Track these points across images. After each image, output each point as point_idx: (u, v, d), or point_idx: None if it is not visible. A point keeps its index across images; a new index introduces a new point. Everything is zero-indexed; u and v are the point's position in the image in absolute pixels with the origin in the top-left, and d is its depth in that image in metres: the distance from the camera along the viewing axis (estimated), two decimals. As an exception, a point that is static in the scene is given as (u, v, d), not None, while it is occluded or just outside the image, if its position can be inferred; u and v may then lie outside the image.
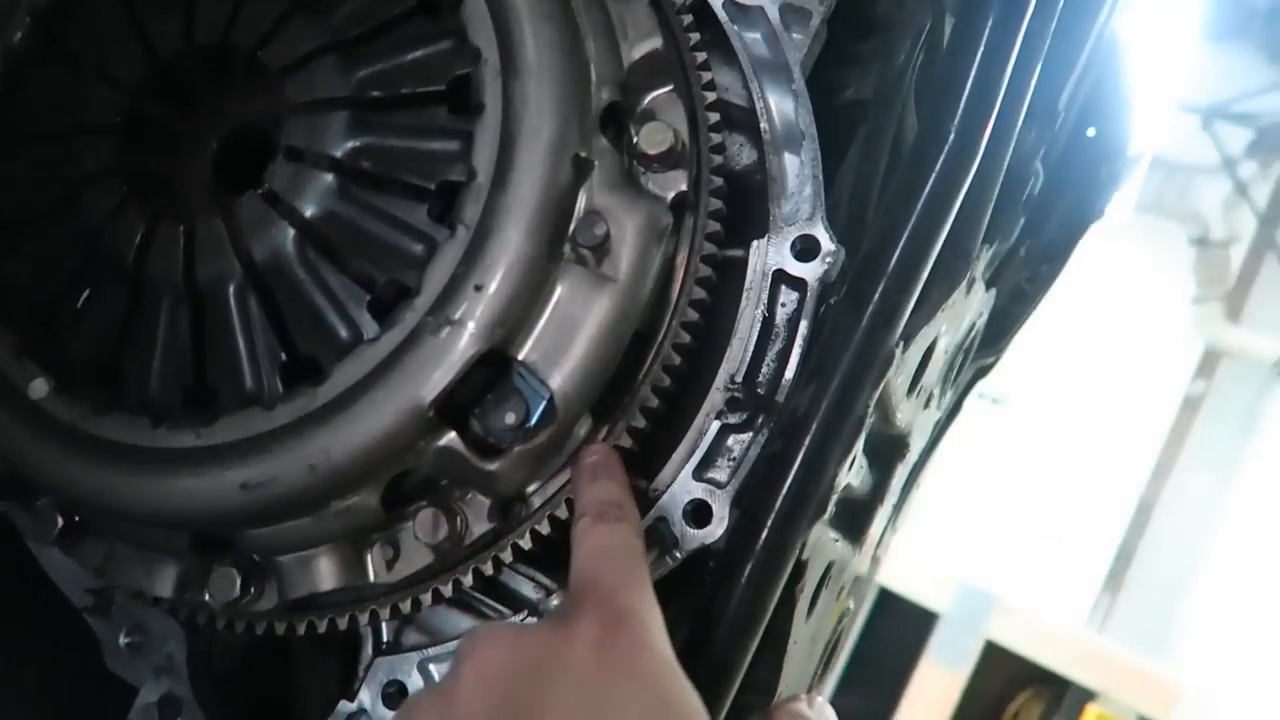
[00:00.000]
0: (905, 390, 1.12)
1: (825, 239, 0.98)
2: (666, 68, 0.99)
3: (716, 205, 0.98)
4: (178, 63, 1.06)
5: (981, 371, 1.69)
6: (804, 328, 0.98)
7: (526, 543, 0.95)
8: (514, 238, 0.86)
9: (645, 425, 0.96)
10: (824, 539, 1.05)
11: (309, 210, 0.96)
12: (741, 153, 1.05)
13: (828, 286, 0.98)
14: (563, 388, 0.89)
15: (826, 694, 1.57)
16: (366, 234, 0.95)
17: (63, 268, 1.04)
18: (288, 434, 0.88)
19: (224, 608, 0.96)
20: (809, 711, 0.90)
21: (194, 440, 0.90)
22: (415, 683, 1.04)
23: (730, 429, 0.98)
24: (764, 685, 1.05)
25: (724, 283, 0.99)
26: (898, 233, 0.93)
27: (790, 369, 0.98)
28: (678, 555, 0.96)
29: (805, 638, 1.12)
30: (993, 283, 1.40)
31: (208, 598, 0.96)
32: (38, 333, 1.01)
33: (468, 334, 0.85)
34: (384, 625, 1.06)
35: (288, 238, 0.96)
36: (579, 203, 0.90)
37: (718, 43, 1.04)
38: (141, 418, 0.93)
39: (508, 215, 0.87)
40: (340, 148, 0.96)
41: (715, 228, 0.98)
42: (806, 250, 0.98)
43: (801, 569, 0.99)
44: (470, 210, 0.88)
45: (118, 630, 1.14)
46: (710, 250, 0.97)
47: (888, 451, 1.22)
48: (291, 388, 0.90)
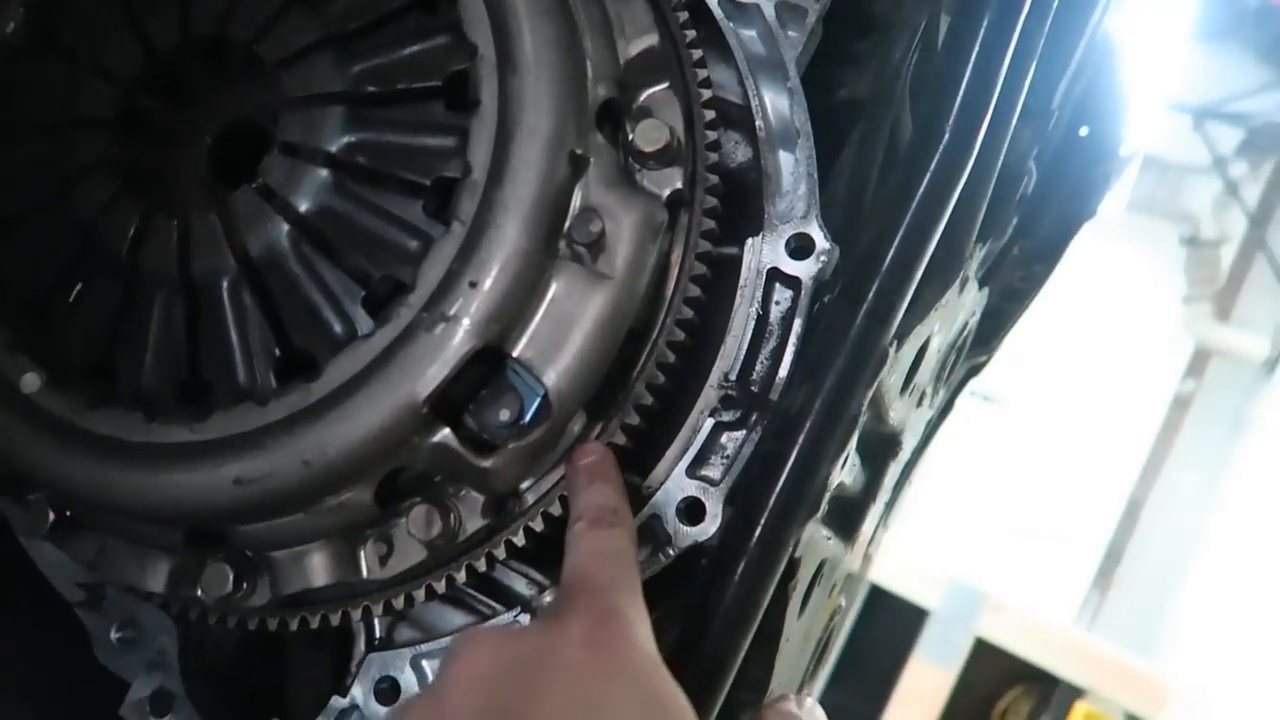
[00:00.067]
0: (898, 389, 1.12)
1: (820, 237, 0.98)
2: (663, 65, 0.99)
3: (712, 203, 0.98)
4: (173, 56, 1.05)
5: (974, 370, 1.69)
6: (798, 326, 0.98)
7: (520, 539, 0.96)
8: (510, 234, 0.86)
9: (639, 422, 0.96)
10: (817, 537, 1.06)
11: (304, 205, 0.96)
12: (737, 150, 1.05)
13: (822, 285, 0.98)
14: (557, 385, 0.89)
15: (817, 691, 1.58)
16: (362, 229, 0.95)
17: (56, 261, 1.03)
18: (282, 429, 0.87)
19: (216, 603, 0.96)
20: (799, 711, 0.91)
21: (187, 435, 0.90)
22: (408, 679, 1.03)
23: (724, 426, 0.98)
24: (756, 682, 1.05)
25: (719, 280, 0.99)
26: (892, 231, 0.93)
27: (784, 367, 0.98)
28: (671, 552, 0.97)
29: (797, 635, 1.12)
30: (986, 281, 1.40)
31: (200, 593, 0.95)
32: (30, 327, 1.01)
33: (462, 330, 0.85)
34: (377, 621, 1.06)
35: (283, 233, 0.95)
36: (575, 199, 0.90)
37: (714, 40, 1.04)
38: (135, 412, 0.92)
39: (503, 211, 0.87)
40: (336, 143, 0.96)
41: (710, 225, 0.98)
42: (801, 248, 0.99)
43: (794, 567, 0.99)
44: (466, 206, 0.88)
45: (109, 625, 1.14)
46: (705, 248, 0.97)
47: (880, 450, 1.22)
48: (286, 383, 0.90)
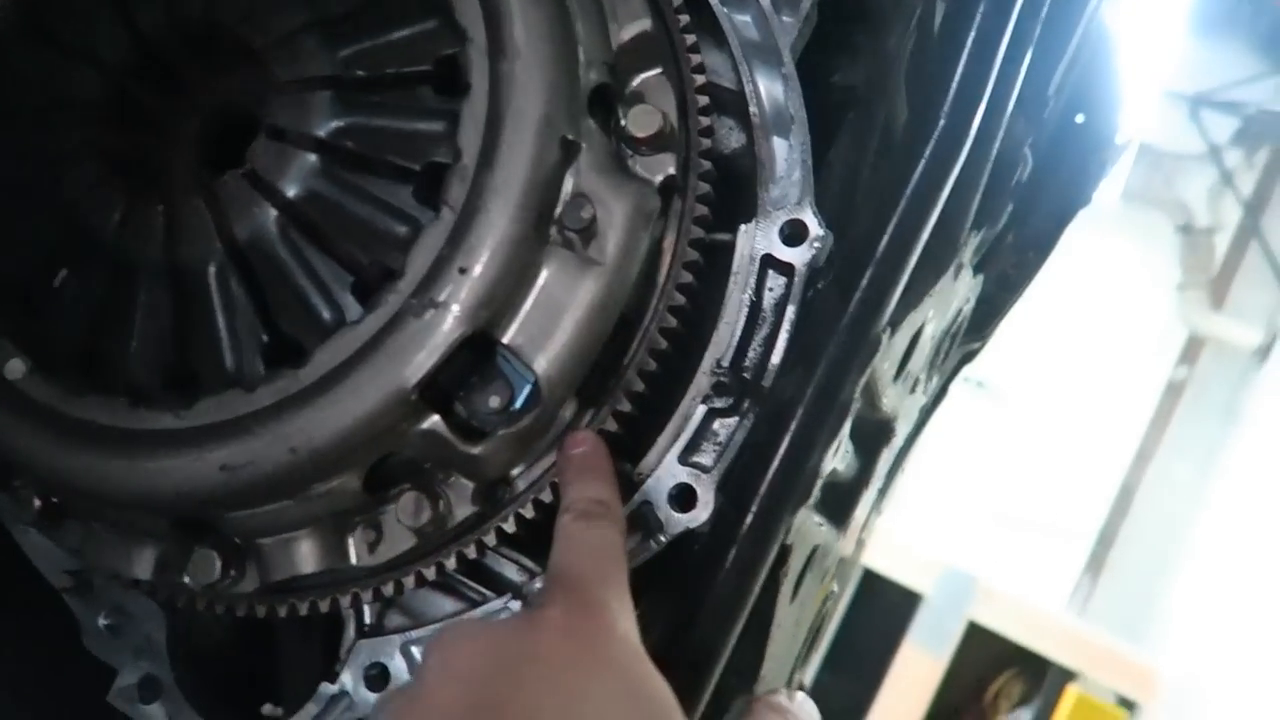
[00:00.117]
0: (891, 376, 1.11)
1: (814, 224, 0.98)
2: (656, 50, 0.98)
3: (705, 189, 0.97)
4: (160, 41, 1.04)
5: (968, 357, 1.69)
6: (791, 313, 0.98)
7: (510, 526, 0.95)
8: (499, 220, 0.85)
9: (631, 409, 0.95)
10: (808, 524, 1.05)
11: (292, 191, 0.95)
12: (730, 136, 1.04)
13: (815, 271, 0.98)
14: (548, 371, 0.88)
15: (810, 676, 1.58)
16: (350, 215, 0.94)
17: (41, 247, 1.02)
18: (269, 416, 0.87)
19: (204, 590, 0.96)
20: (790, 705, 0.91)
21: (173, 422, 0.89)
22: (397, 665, 1.03)
23: (716, 413, 0.98)
24: (748, 668, 1.05)
25: (712, 267, 0.98)
26: (886, 218, 0.93)
27: (777, 354, 0.97)
28: (662, 539, 0.96)
29: (789, 621, 1.12)
30: (980, 268, 1.40)
31: (187, 580, 0.95)
32: (14, 312, 1.00)
33: (452, 317, 0.85)
34: (366, 608, 1.05)
35: (270, 218, 0.95)
36: (566, 185, 0.89)
37: (708, 25, 1.03)
38: (120, 399, 0.92)
39: (493, 197, 0.86)
40: (324, 127, 0.95)
41: (703, 212, 0.97)
42: (795, 235, 0.98)
43: (786, 553, 0.99)
44: (455, 192, 0.87)
45: (97, 612, 1.13)
46: (698, 234, 0.97)
47: (873, 437, 1.22)
48: (273, 369, 0.89)
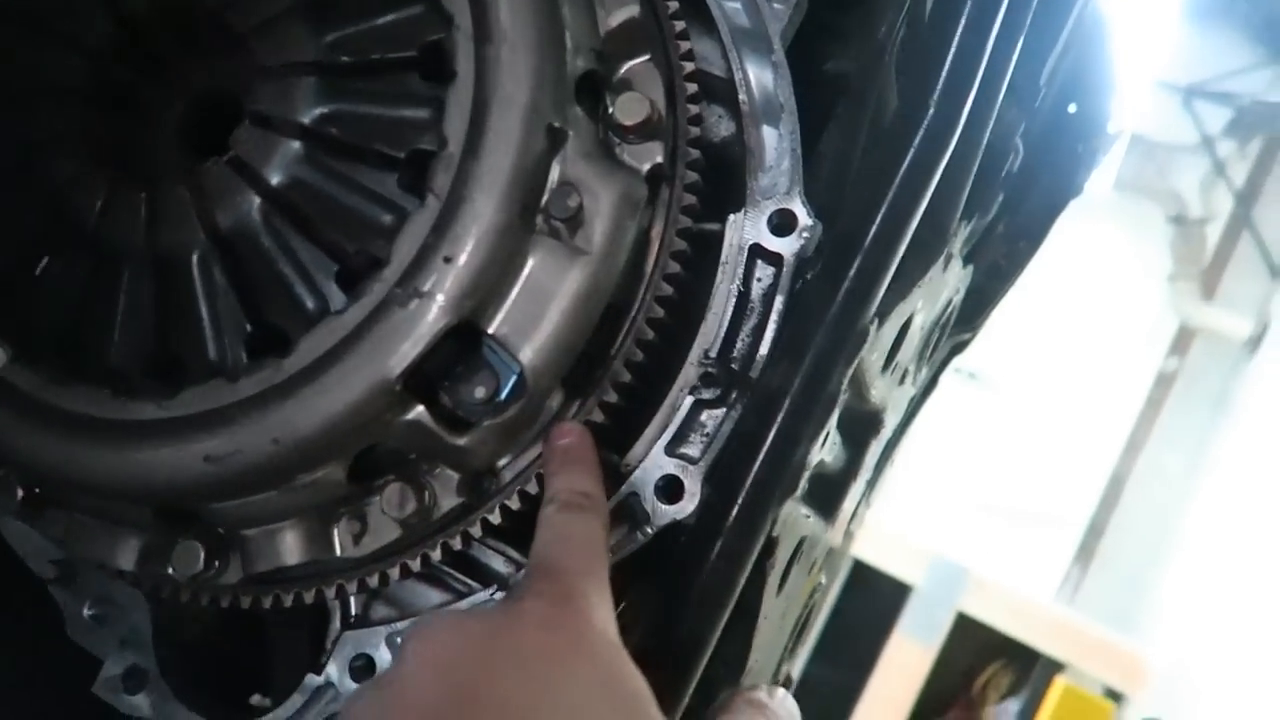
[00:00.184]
0: (880, 367, 1.11)
1: (802, 214, 0.97)
2: (644, 37, 0.97)
3: (693, 178, 0.96)
4: (143, 24, 1.03)
5: (958, 347, 1.69)
6: (779, 303, 0.97)
7: (496, 518, 0.94)
8: (485, 208, 0.85)
9: (618, 400, 0.95)
10: (796, 515, 1.05)
11: (275, 178, 0.94)
12: (719, 125, 1.03)
13: (804, 262, 0.97)
14: (533, 362, 0.87)
15: (799, 667, 1.59)
16: (335, 203, 0.93)
17: (21, 234, 1.01)
18: (252, 406, 0.86)
19: (187, 581, 0.95)
20: (770, 701, 0.90)
21: (156, 412, 0.88)
22: (383, 656, 1.03)
23: (704, 404, 0.97)
24: (734, 659, 1.05)
25: (700, 257, 0.98)
26: (874, 208, 0.92)
27: (765, 345, 0.97)
28: (649, 530, 0.96)
29: (776, 613, 1.12)
30: (970, 259, 1.40)
31: (171, 571, 0.94)
32: (-5, 300, 0.99)
33: (437, 306, 0.84)
34: (351, 599, 1.05)
35: (253, 206, 0.94)
36: (552, 173, 0.88)
37: (697, 11, 1.02)
38: (103, 388, 0.91)
39: (479, 185, 0.85)
40: (308, 114, 0.94)
41: (691, 201, 0.96)
42: (783, 225, 0.97)
43: (772, 545, 0.99)
44: (441, 179, 0.86)
45: (82, 602, 1.12)
46: (686, 223, 0.96)
47: (862, 428, 1.21)
48: (257, 359, 0.88)
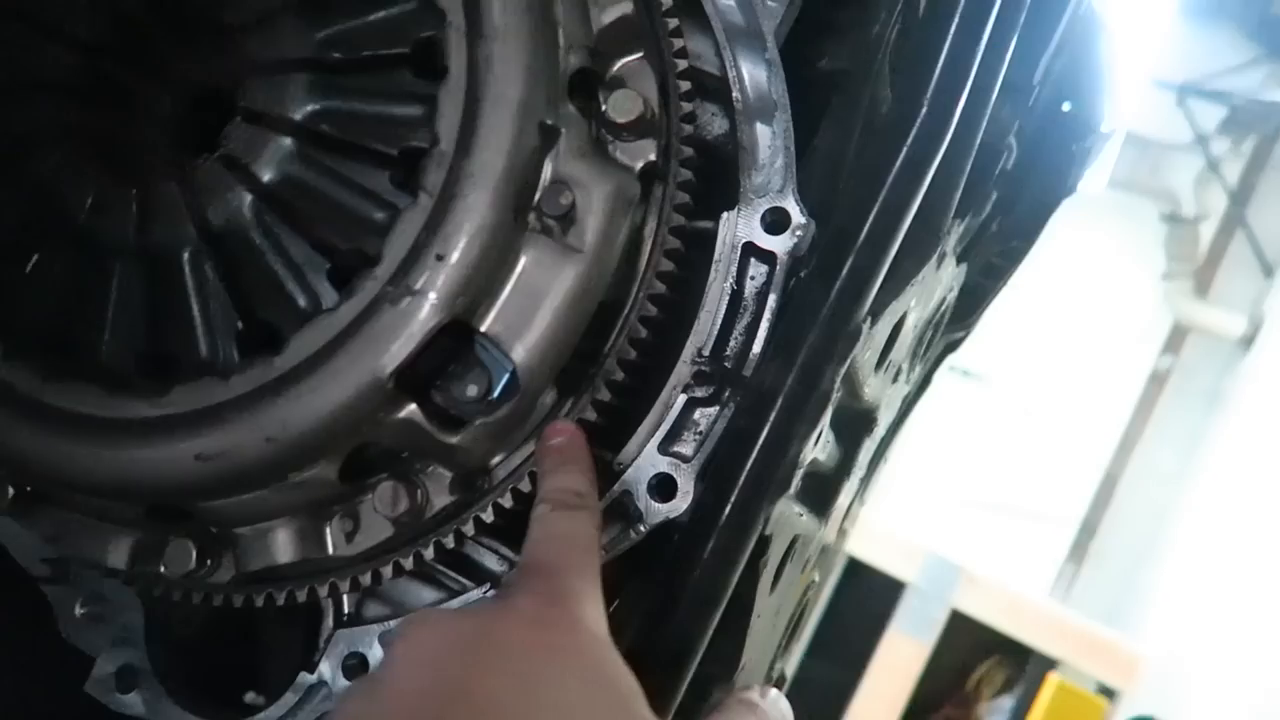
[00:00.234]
0: (873, 365, 1.11)
1: (796, 212, 0.97)
2: (637, 34, 0.97)
3: (686, 176, 0.96)
4: (135, 18, 1.03)
5: (952, 346, 1.69)
6: (773, 301, 0.97)
7: (489, 516, 0.94)
8: (477, 206, 0.84)
9: (611, 398, 0.95)
10: (789, 513, 1.05)
11: (267, 175, 0.93)
12: (713, 122, 1.03)
13: (798, 260, 0.97)
14: (526, 360, 0.87)
15: (792, 665, 1.59)
16: (327, 200, 0.93)
17: (11, 230, 1.00)
18: (244, 404, 0.86)
19: (180, 580, 0.95)
20: (762, 701, 0.90)
21: (148, 410, 0.88)
22: (376, 655, 1.02)
23: (697, 403, 0.97)
24: (727, 658, 1.05)
25: (693, 255, 0.97)
26: (868, 207, 0.92)
27: (758, 343, 0.97)
28: (642, 529, 0.96)
29: (769, 611, 1.12)
30: (964, 258, 1.40)
31: (163, 570, 0.94)
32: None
33: (429, 304, 0.84)
34: (344, 597, 1.04)
35: (245, 203, 0.93)
36: (545, 171, 0.88)
37: (690, 8, 1.01)
38: (94, 386, 0.91)
39: (471, 182, 0.85)
40: (300, 111, 0.94)
41: (684, 199, 0.96)
42: (777, 223, 0.97)
43: (765, 543, 0.99)
44: (433, 177, 0.85)
45: (74, 600, 1.12)
46: (679, 221, 0.96)
47: (855, 426, 1.21)
48: (248, 357, 0.88)
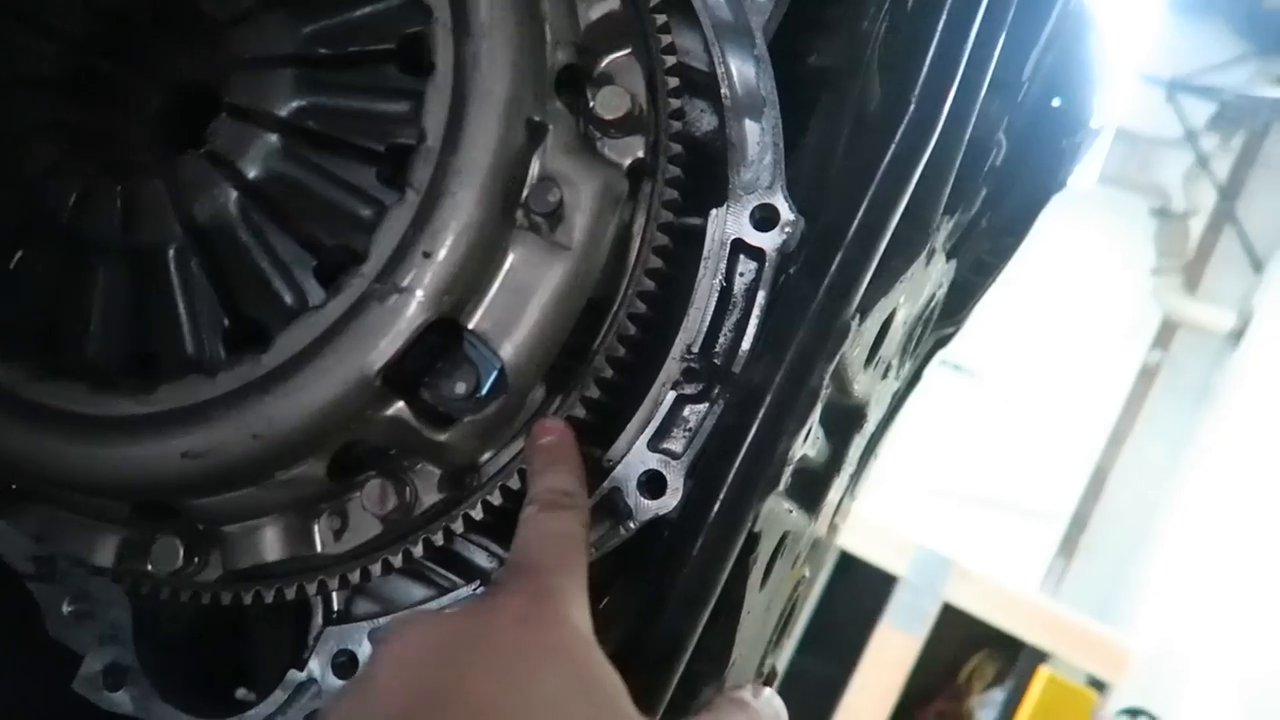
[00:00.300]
0: (862, 361, 1.11)
1: (785, 208, 0.97)
2: (625, 30, 0.97)
3: (675, 172, 0.96)
4: (121, 14, 1.02)
5: (941, 342, 1.69)
6: (762, 298, 0.97)
7: (478, 513, 0.94)
8: (464, 202, 0.84)
9: (600, 395, 0.94)
10: (778, 510, 1.05)
11: (253, 171, 0.93)
12: (701, 119, 1.03)
13: (787, 256, 0.97)
14: (514, 357, 0.87)
15: (784, 661, 1.59)
16: (313, 196, 0.93)
17: (-4, 227, 1.00)
18: (231, 402, 0.85)
19: (167, 578, 0.95)
20: (754, 701, 0.90)
21: (134, 407, 0.88)
22: (366, 652, 1.02)
23: (686, 399, 0.97)
24: (717, 655, 1.05)
25: (682, 251, 0.97)
26: (856, 203, 0.92)
27: (747, 339, 0.96)
28: (631, 526, 0.96)
29: (759, 607, 1.12)
30: (953, 254, 1.40)
31: (150, 568, 0.94)
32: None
33: (416, 302, 0.83)
34: (334, 595, 1.04)
35: (231, 199, 0.93)
36: (532, 168, 0.88)
37: (678, 4, 1.01)
38: (80, 384, 0.90)
39: (458, 179, 0.84)
40: (286, 107, 0.93)
41: (673, 195, 0.96)
42: (766, 219, 0.97)
43: (755, 540, 0.99)
44: (420, 173, 0.85)
45: (61, 597, 1.11)
46: (668, 218, 0.95)
47: (845, 422, 1.21)
48: (235, 354, 0.88)
